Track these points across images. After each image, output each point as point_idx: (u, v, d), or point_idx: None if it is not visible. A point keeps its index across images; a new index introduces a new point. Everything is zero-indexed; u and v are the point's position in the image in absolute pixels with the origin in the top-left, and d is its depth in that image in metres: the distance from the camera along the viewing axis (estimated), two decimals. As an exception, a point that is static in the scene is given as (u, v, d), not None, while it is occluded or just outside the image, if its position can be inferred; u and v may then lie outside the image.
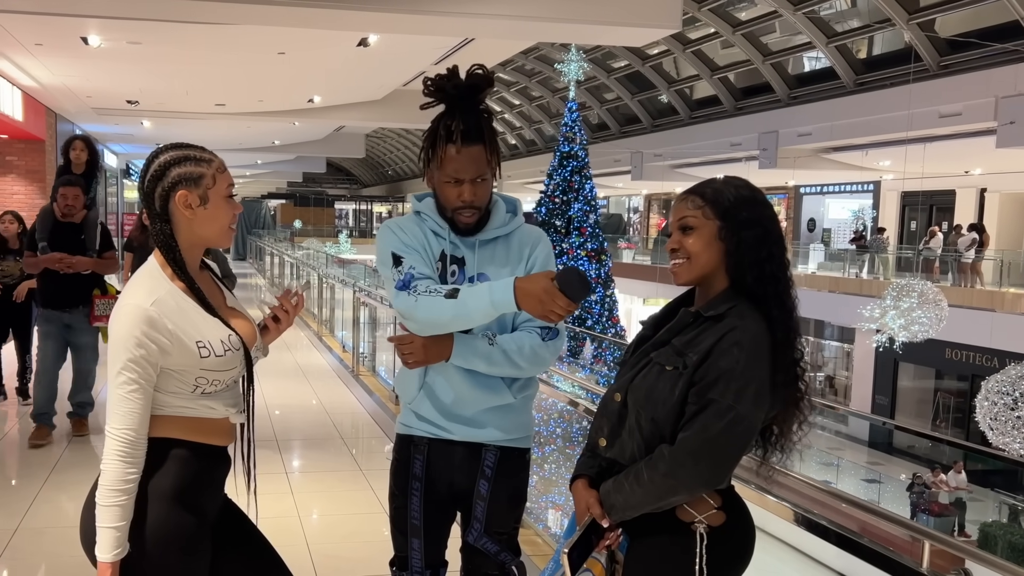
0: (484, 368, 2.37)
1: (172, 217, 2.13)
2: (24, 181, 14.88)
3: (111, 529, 2.02)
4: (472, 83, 2.34)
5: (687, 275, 2.07)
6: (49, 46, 10.58)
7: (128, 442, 2.04)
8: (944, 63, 15.92)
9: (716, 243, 2.02)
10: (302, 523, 4.89)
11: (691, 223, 2.05)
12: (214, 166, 2.15)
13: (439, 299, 2.26)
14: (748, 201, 2.04)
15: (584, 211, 16.97)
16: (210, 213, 2.14)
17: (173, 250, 2.14)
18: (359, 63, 11.78)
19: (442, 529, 2.57)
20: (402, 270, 2.36)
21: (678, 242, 2.06)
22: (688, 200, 2.07)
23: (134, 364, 2.04)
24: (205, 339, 2.11)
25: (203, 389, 2.14)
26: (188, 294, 2.13)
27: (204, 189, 2.12)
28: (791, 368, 2.01)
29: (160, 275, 2.13)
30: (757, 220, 2.02)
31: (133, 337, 2.03)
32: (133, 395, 2.05)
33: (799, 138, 19.30)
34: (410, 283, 2.33)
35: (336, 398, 8.23)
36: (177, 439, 2.14)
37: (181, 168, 2.11)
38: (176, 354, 2.07)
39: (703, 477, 1.94)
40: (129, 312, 2.06)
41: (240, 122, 17.84)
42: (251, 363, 2.24)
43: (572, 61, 17.08)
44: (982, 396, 7.70)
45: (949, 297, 12.64)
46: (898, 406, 19.44)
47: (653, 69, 23.27)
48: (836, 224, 26.57)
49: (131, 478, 2.04)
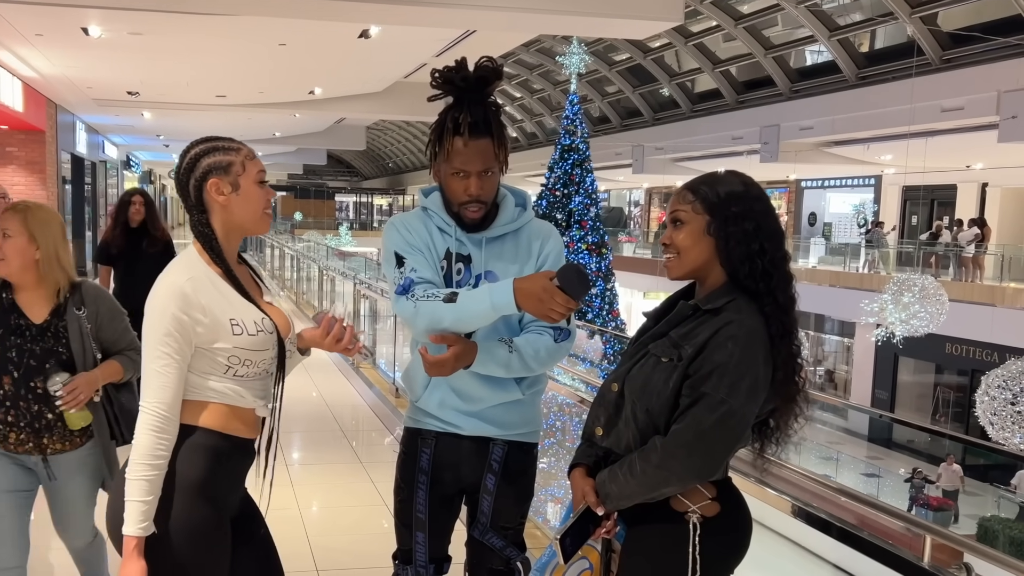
0: (501, 374, 2.36)
1: (207, 206, 2.19)
2: (24, 172, 14.88)
3: (139, 502, 2.05)
4: (481, 75, 2.31)
5: (678, 270, 2.07)
6: (49, 36, 10.56)
7: (160, 416, 2.07)
8: (947, 57, 15.88)
9: (705, 238, 2.02)
10: (302, 515, 4.89)
11: (681, 218, 2.05)
12: (243, 154, 2.20)
13: (438, 304, 2.25)
14: (738, 196, 2.02)
15: (585, 204, 16.92)
16: (242, 199, 2.18)
17: (210, 239, 2.19)
18: (360, 55, 11.75)
19: (447, 523, 2.55)
20: (403, 272, 2.34)
21: (669, 237, 2.06)
22: (680, 195, 2.07)
23: (168, 339, 2.08)
24: (239, 318, 2.15)
25: (236, 370, 2.16)
26: (224, 278, 2.18)
27: (235, 176, 2.18)
28: (788, 363, 2.01)
29: (197, 259, 2.18)
30: (747, 215, 2.00)
31: (169, 312, 2.08)
32: (167, 369, 2.08)
33: (801, 132, 19.26)
34: (410, 288, 2.32)
35: (336, 390, 8.22)
36: (206, 427, 2.16)
37: (211, 158, 2.17)
38: (209, 330, 2.11)
39: (695, 469, 1.95)
40: (165, 288, 2.12)
41: (241, 114, 17.82)
42: (283, 353, 2.26)
43: (574, 54, 17.02)
44: (982, 391, 7.72)
45: (950, 292, 12.65)
46: (898, 400, 19.46)
47: (655, 62, 23.22)
48: (837, 218, 26.55)
49: (161, 453, 2.08)
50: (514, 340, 2.36)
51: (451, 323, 2.25)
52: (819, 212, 27.05)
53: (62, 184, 16.80)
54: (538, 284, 2.15)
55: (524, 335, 2.39)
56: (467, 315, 2.23)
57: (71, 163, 17.87)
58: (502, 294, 2.18)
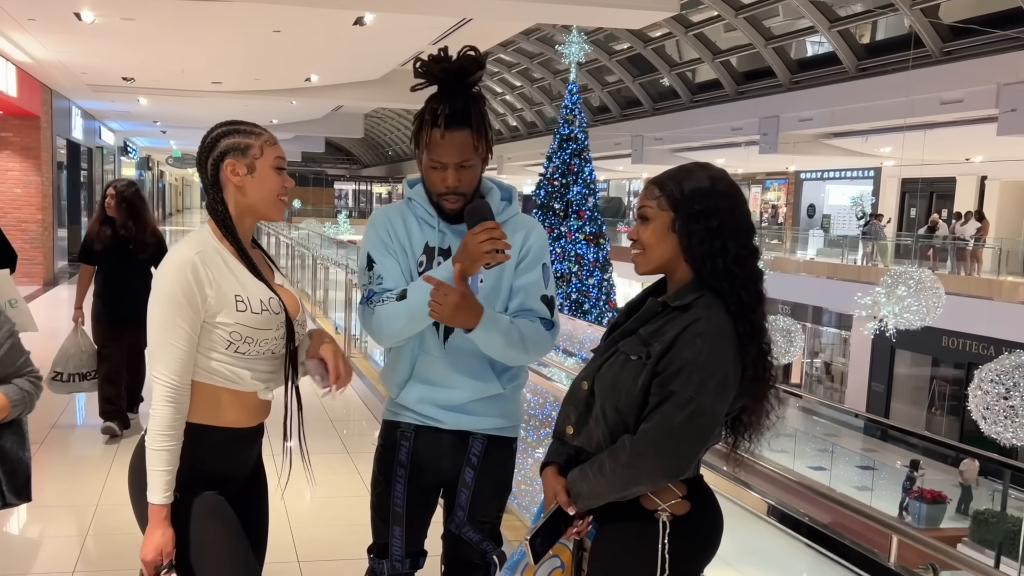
0: (500, 344, 2.31)
1: (223, 186, 2.22)
2: (19, 158, 14.83)
3: (161, 472, 2.11)
4: (461, 65, 2.29)
5: (644, 266, 2.06)
6: (42, 21, 10.50)
7: (174, 387, 2.11)
8: (947, 49, 15.81)
9: (670, 235, 2.00)
10: (286, 506, 4.85)
11: (648, 214, 2.03)
12: (263, 139, 2.24)
13: (391, 304, 2.29)
14: (703, 193, 1.98)
15: (583, 194, 16.84)
16: (257, 181, 2.21)
17: (224, 216, 2.22)
18: (355, 42, 11.68)
19: (424, 517, 2.54)
20: (371, 280, 2.38)
21: (636, 232, 2.05)
22: (648, 189, 2.05)
23: (179, 308, 2.11)
24: (244, 295, 2.17)
25: (237, 347, 2.17)
26: (236, 256, 2.21)
27: (251, 159, 2.21)
28: (758, 361, 1.98)
29: (210, 236, 2.22)
30: (710, 212, 1.96)
31: (178, 284, 2.11)
32: (178, 340, 2.11)
33: (800, 123, 19.21)
34: (371, 298, 2.36)
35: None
36: (207, 424, 2.19)
37: (230, 139, 2.21)
38: (215, 302, 2.14)
39: (664, 468, 1.93)
40: (175, 261, 2.15)
41: (237, 100, 17.74)
42: (293, 334, 2.27)
43: (573, 43, 16.93)
44: (975, 385, 7.69)
45: (947, 285, 12.61)
46: (894, 393, 19.45)
47: (655, 52, 23.14)
48: (836, 210, 26.49)
49: (178, 423, 2.13)
50: (514, 319, 2.36)
51: (407, 317, 2.28)
52: (818, 204, 27.01)
53: (57, 170, 16.76)
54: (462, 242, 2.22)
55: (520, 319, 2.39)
56: (417, 304, 2.25)
57: (67, 149, 17.82)
58: (441, 270, 2.24)
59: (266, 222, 18.44)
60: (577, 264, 16.28)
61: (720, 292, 1.97)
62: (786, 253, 23.11)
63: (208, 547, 2.17)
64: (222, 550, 2.18)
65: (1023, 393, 7.41)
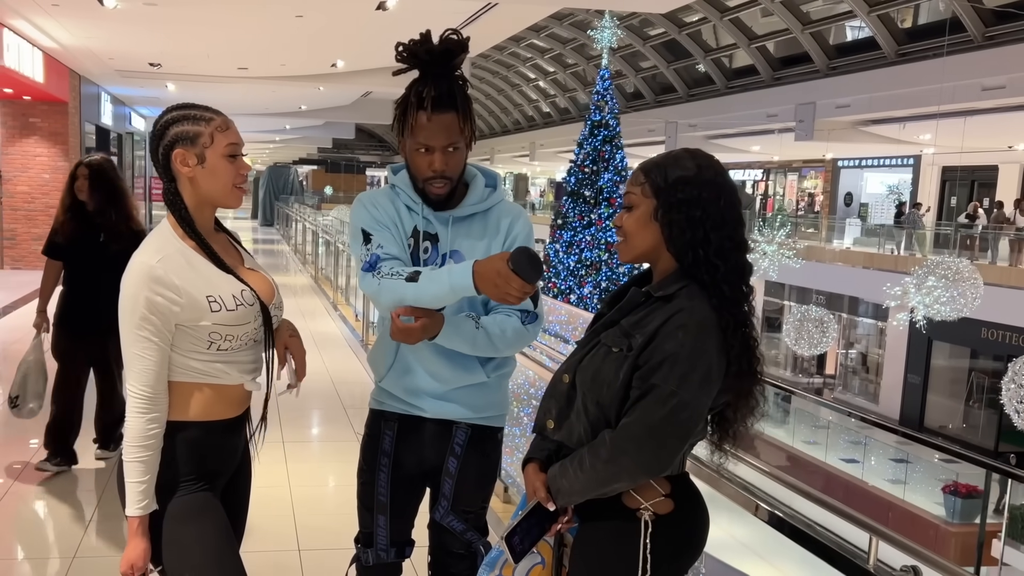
0: (467, 350, 2.33)
1: (176, 176, 2.15)
2: (47, 143, 14.92)
3: (136, 483, 2.08)
4: (445, 48, 2.27)
5: (626, 254, 2.01)
6: (65, 7, 10.51)
7: (147, 398, 2.07)
8: (989, 34, 15.41)
9: (652, 224, 1.94)
10: (292, 494, 4.80)
11: (632, 201, 1.97)
12: (213, 125, 2.13)
13: (400, 282, 2.24)
14: (687, 181, 1.90)
15: (614, 182, 16.65)
16: (208, 172, 2.13)
17: (180, 208, 2.15)
18: (379, 27, 11.54)
19: (409, 507, 2.54)
20: (370, 249, 2.33)
21: (620, 219, 1.98)
22: (634, 176, 1.99)
23: (144, 322, 2.06)
24: (215, 293, 2.11)
25: (218, 345, 2.14)
26: (199, 252, 2.14)
27: (201, 148, 2.12)
28: (743, 356, 1.89)
29: (171, 234, 2.15)
30: (694, 201, 1.89)
31: (142, 295, 2.06)
32: (147, 352, 2.07)
33: (837, 110, 18.92)
34: (376, 264, 2.30)
35: (344, 367, 8.12)
36: (191, 420, 2.15)
37: (178, 127, 2.12)
38: (186, 309, 2.08)
39: (645, 465, 1.87)
40: (136, 270, 2.09)
41: (264, 86, 17.74)
42: (269, 320, 2.24)
43: (606, 28, 16.75)
44: (1008, 379, 7.44)
45: (986, 276, 12.27)
46: (931, 385, 19.07)
47: (690, 37, 22.86)
48: (874, 199, 26.02)
49: (152, 433, 2.09)
50: (481, 318, 2.35)
51: (412, 302, 2.24)
52: (855, 192, 26.55)
53: (85, 155, 16.84)
54: (494, 268, 2.10)
55: (492, 315, 2.38)
56: (427, 295, 2.21)
57: (96, 134, 17.90)
58: (461, 276, 2.15)
59: (296, 211, 18.31)
60: (607, 252, 16.10)
61: (703, 283, 1.89)
62: (822, 242, 22.73)
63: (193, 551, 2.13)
64: (208, 555, 2.14)
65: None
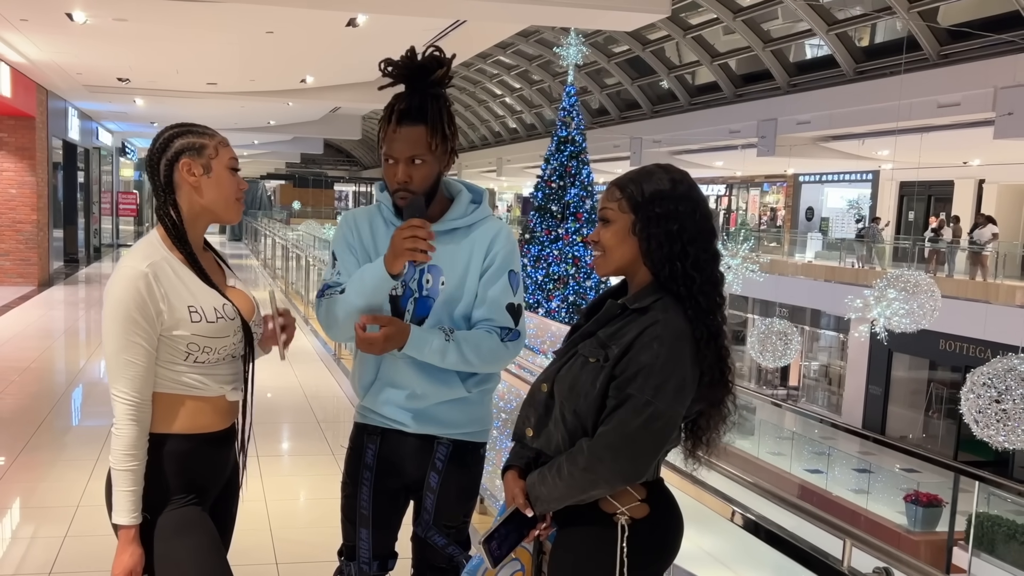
0: (437, 362, 2.34)
1: (176, 187, 2.17)
2: (14, 158, 14.83)
3: (126, 492, 2.08)
4: (423, 64, 2.30)
5: (603, 268, 2.05)
6: (35, 22, 10.49)
7: (135, 405, 2.08)
8: (944, 52, 15.79)
9: (630, 238, 1.99)
10: (268, 507, 4.84)
11: (608, 216, 2.02)
12: (216, 139, 2.21)
13: (335, 298, 2.33)
14: (663, 195, 1.97)
15: (580, 196, 16.82)
16: (214, 182, 2.18)
17: (175, 222, 2.18)
18: (349, 44, 11.65)
19: (392, 520, 2.54)
20: (332, 275, 2.41)
21: (597, 234, 2.04)
22: (609, 191, 2.04)
23: (135, 326, 2.07)
24: (197, 305, 2.14)
25: (196, 357, 2.15)
26: (186, 264, 2.17)
27: (207, 158, 2.17)
28: (716, 367, 1.97)
29: (159, 244, 2.17)
30: (670, 215, 1.95)
31: (131, 300, 2.07)
32: (138, 357, 2.08)
33: (798, 126, 19.20)
34: (323, 292, 2.39)
35: (317, 381, 8.17)
36: (176, 434, 2.16)
37: (184, 139, 2.18)
38: (167, 317, 2.10)
39: (621, 472, 1.92)
40: (124, 275, 2.10)
41: (234, 101, 17.70)
42: (251, 337, 2.26)
43: (571, 45, 16.92)
44: (967, 388, 7.63)
45: (944, 288, 12.55)
46: (892, 396, 19.40)
47: (654, 54, 23.13)
48: (835, 213, 26.46)
49: (141, 441, 2.10)
50: (456, 332, 2.35)
51: (347, 308, 2.30)
52: (816, 207, 26.97)
53: (53, 170, 16.74)
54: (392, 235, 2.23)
55: (471, 331, 2.38)
56: (353, 296, 2.28)
57: (63, 149, 17.79)
58: (372, 265, 2.27)
59: (264, 225, 18.28)
60: (574, 267, 16.26)
61: (678, 296, 1.95)
62: (784, 256, 23.06)
63: (185, 566, 2.14)
64: (204, 572, 2.15)
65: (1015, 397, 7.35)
